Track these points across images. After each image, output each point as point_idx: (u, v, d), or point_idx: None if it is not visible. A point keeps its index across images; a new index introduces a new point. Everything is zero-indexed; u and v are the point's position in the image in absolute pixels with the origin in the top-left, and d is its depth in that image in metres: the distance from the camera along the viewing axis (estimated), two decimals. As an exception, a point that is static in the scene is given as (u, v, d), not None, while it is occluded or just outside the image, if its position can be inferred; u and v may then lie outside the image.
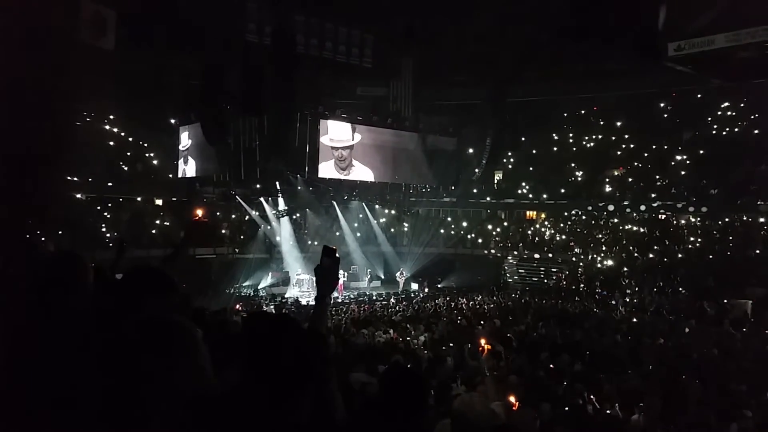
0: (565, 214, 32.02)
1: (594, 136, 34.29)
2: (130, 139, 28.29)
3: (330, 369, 2.14)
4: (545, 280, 28.66)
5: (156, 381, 1.85)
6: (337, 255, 2.71)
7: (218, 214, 30.73)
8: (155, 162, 29.23)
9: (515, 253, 30.87)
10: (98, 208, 26.01)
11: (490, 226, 33.51)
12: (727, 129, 29.63)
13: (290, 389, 1.83)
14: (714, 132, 30.17)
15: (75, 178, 24.36)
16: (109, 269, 3.79)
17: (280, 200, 28.43)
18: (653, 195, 28.94)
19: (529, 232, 32.55)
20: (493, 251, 31.64)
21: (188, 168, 27.51)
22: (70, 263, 2.45)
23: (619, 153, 32.83)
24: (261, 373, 1.83)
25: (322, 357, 2.04)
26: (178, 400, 1.84)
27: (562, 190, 32.33)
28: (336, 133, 26.63)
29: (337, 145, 26.53)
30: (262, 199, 28.59)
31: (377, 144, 27.78)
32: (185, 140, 27.28)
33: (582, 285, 25.69)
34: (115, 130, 27.76)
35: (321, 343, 2.22)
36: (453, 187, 30.96)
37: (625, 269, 25.52)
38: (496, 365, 8.13)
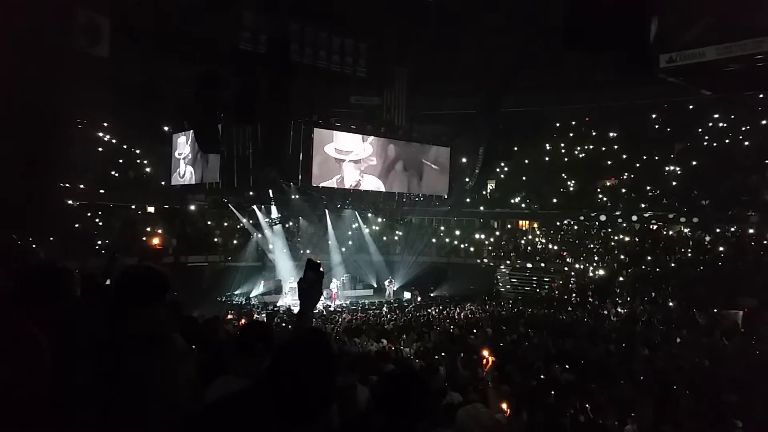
0: (558, 223, 32.11)
1: (586, 147, 34.48)
2: (124, 146, 28.23)
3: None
4: (537, 290, 28.68)
5: (134, 391, 1.84)
6: (321, 269, 2.68)
7: (210, 222, 30.69)
8: (148, 169, 29.16)
9: (508, 262, 30.91)
10: (89, 215, 25.89)
11: (482, 236, 33.57)
12: (718, 140, 29.87)
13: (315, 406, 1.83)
14: (705, 143, 30.40)
15: (67, 185, 24.26)
16: (100, 277, 3.78)
17: (273, 208, 28.38)
18: (645, 205, 29.08)
19: (522, 241, 32.61)
20: (485, 260, 31.67)
21: (187, 175, 27.26)
22: (55, 275, 2.44)
23: (610, 163, 33.01)
24: (288, 388, 1.82)
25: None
26: (155, 412, 1.83)
27: (555, 200, 32.47)
28: (344, 143, 26.39)
29: (344, 158, 26.29)
30: (255, 207, 28.53)
31: (386, 154, 27.87)
32: (182, 147, 27.13)
33: (574, 294, 25.72)
34: (108, 137, 27.71)
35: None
36: (446, 196, 31.02)
37: (620, 279, 25.57)
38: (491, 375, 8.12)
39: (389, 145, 28.03)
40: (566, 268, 28.66)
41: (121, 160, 28.20)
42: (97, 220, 26.00)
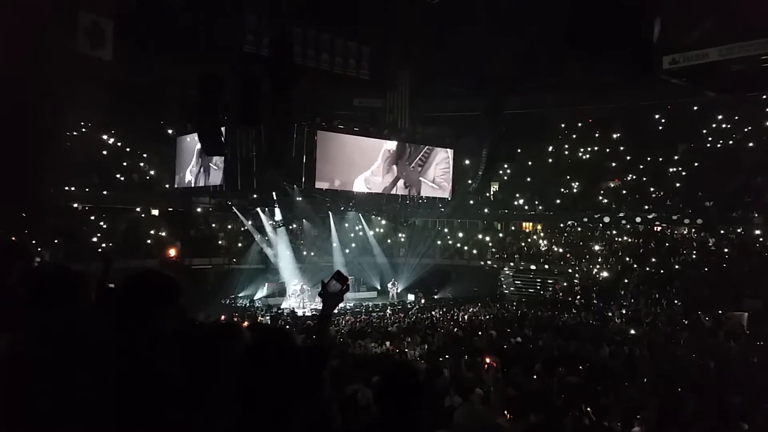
0: (561, 225, 32.07)
1: (589, 148, 34.42)
2: (127, 149, 28.27)
3: (324, 381, 2.14)
4: (541, 292, 28.63)
5: (147, 396, 1.83)
6: (348, 284, 2.75)
7: (214, 225, 30.73)
8: (152, 172, 29.20)
9: (511, 264, 30.87)
10: (93, 217, 25.91)
11: (486, 237, 33.52)
12: (722, 141, 29.79)
13: (284, 401, 1.84)
14: (709, 144, 30.32)
15: (72, 188, 24.31)
16: (99, 281, 3.79)
17: (277, 211, 28.39)
18: (649, 207, 29.02)
19: (525, 243, 32.56)
20: (489, 262, 31.62)
21: (191, 178, 27.32)
22: (68, 278, 2.45)
23: (614, 165, 32.94)
24: (257, 385, 1.83)
25: (317, 371, 2.04)
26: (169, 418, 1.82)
27: (558, 202, 32.43)
28: (349, 147, 26.76)
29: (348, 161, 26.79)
30: (258, 209, 28.55)
31: (389, 156, 28.06)
32: (186, 150, 27.22)
33: (578, 296, 25.67)
34: (112, 140, 27.75)
35: (323, 357, 2.23)
36: (449, 198, 30.98)
37: (624, 280, 25.51)
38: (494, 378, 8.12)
39: (392, 148, 28.04)
40: (570, 270, 28.60)
41: (125, 163, 28.22)
42: (101, 223, 26.01)
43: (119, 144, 27.93)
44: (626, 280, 25.45)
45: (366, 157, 27.13)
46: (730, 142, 29.39)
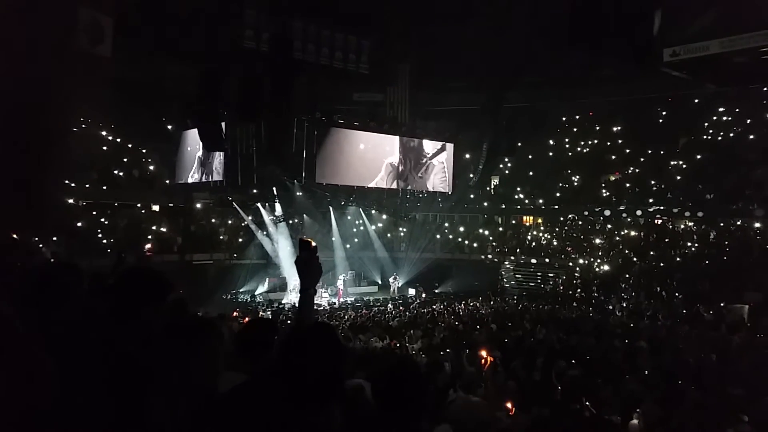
0: (562, 219, 32.08)
1: (590, 142, 34.40)
2: (128, 145, 28.26)
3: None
4: (542, 285, 28.67)
5: (139, 393, 1.83)
6: (315, 245, 2.70)
7: (214, 220, 30.75)
8: (152, 168, 29.20)
9: (512, 258, 30.89)
10: (94, 213, 25.92)
11: (486, 232, 33.54)
12: (723, 134, 29.75)
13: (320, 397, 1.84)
14: (710, 137, 30.30)
15: (72, 184, 24.29)
16: (108, 277, 3.79)
17: (278, 206, 28.40)
18: (649, 200, 29.02)
19: (527, 237, 32.57)
20: (489, 256, 31.65)
21: (191, 173, 27.29)
22: (63, 271, 2.45)
23: (614, 158, 32.94)
24: (293, 379, 1.83)
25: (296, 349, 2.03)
26: (162, 413, 1.83)
27: (559, 195, 32.43)
28: (354, 143, 26.83)
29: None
30: (259, 204, 28.56)
31: (389, 151, 28.16)
32: (186, 145, 27.21)
33: (579, 290, 25.69)
34: (112, 136, 27.71)
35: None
36: (449, 193, 30.97)
37: (625, 274, 25.52)
38: (494, 372, 8.11)
39: (392, 142, 28.01)
40: (570, 264, 28.62)
41: (125, 159, 28.22)
42: (102, 219, 26.01)
43: (119, 140, 27.90)
44: (627, 274, 25.46)
45: (371, 168, 27.18)
46: (731, 135, 29.38)
